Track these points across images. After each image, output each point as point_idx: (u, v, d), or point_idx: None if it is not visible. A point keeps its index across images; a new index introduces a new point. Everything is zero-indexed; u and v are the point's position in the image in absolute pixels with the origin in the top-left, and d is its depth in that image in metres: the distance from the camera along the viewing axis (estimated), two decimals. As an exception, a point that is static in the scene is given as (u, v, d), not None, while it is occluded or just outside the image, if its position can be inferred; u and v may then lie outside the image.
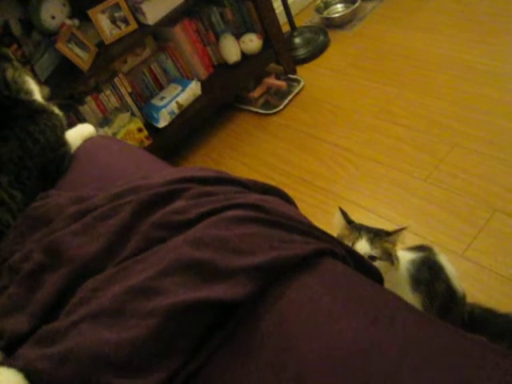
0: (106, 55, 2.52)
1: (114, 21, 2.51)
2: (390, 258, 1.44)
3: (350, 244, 1.43)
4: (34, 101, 1.52)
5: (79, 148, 1.61)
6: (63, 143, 1.57)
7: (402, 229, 1.45)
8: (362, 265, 1.05)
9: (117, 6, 2.49)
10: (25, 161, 1.43)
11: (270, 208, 0.98)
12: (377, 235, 1.45)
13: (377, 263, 1.41)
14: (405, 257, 1.51)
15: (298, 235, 0.93)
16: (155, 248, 0.96)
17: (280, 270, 0.87)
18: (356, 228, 1.47)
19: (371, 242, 1.43)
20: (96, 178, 1.40)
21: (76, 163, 1.54)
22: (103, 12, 2.48)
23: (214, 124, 3.06)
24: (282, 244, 0.90)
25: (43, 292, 0.99)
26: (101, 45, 2.56)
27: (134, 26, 2.55)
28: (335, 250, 0.94)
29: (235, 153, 2.82)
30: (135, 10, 2.53)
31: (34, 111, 1.49)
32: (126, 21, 2.53)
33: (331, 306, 0.82)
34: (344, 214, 1.53)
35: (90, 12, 2.46)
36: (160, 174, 1.17)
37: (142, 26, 2.57)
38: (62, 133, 1.60)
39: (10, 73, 1.43)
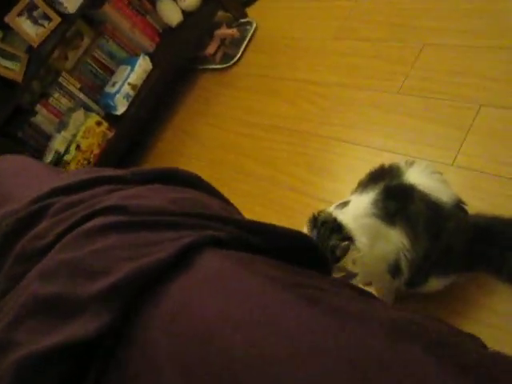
0: (39, 58, 2.38)
1: (35, 21, 2.35)
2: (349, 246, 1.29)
3: None
4: None
5: None
6: None
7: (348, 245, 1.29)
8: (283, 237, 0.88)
9: (32, 5, 2.32)
10: None
11: (136, 205, 0.82)
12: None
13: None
14: (364, 203, 1.34)
15: (169, 231, 0.77)
16: (15, 288, 0.82)
17: (142, 283, 0.71)
18: None
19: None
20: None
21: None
22: (21, 15, 2.32)
23: (177, 93, 2.90)
24: (147, 249, 0.74)
25: None
26: (31, 49, 2.41)
27: (57, 19, 2.38)
28: (218, 236, 0.78)
29: (204, 117, 2.66)
30: (53, 3, 2.36)
31: None
32: (47, 17, 2.36)
33: (208, 311, 0.67)
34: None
35: (7, 18, 2.30)
36: (23, 193, 1.02)
37: (65, 16, 2.40)
38: None
39: None
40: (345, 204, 1.38)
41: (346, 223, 1.32)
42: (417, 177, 1.36)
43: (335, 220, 1.33)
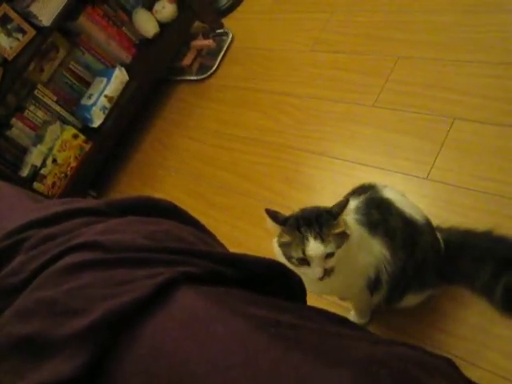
0: (14, 71, 2.35)
1: (8, 33, 2.33)
2: (346, 236, 1.23)
3: (299, 252, 1.19)
4: None
5: None
6: None
7: (347, 201, 1.23)
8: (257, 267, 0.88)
9: (6, 18, 2.30)
10: None
11: (112, 241, 0.82)
12: (323, 225, 1.20)
13: (336, 255, 1.22)
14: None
15: (142, 269, 0.78)
16: None
17: (118, 323, 0.72)
18: (295, 227, 1.22)
19: (321, 237, 1.19)
20: None
21: None
22: (-5, 28, 2.30)
23: (154, 104, 2.89)
24: (122, 288, 0.74)
25: None
26: (5, 62, 2.38)
27: (31, 32, 2.36)
28: (192, 271, 0.78)
29: (181, 129, 2.66)
30: (27, 16, 2.34)
31: None
32: (21, 30, 2.34)
33: (175, 345, 0.67)
34: (273, 215, 1.24)
35: (-20, 32, 2.28)
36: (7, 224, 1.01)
37: (39, 29, 2.37)
38: None
39: None
40: None
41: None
42: (392, 194, 1.40)
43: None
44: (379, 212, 1.36)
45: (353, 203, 1.36)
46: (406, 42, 2.20)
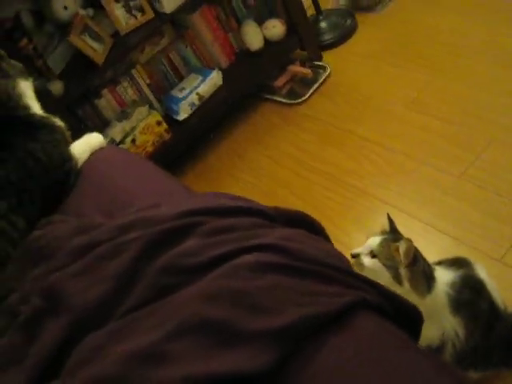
0: (122, 46, 2.41)
1: (129, 10, 2.39)
2: (395, 270, 1.35)
3: None
4: (33, 115, 1.40)
5: (86, 162, 1.49)
6: (68, 158, 1.44)
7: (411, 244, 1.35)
8: (398, 305, 0.92)
9: (132, -6, 2.36)
10: (26, 182, 1.31)
11: (296, 250, 0.86)
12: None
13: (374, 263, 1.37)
14: (443, 279, 1.38)
15: (325, 284, 0.81)
16: (164, 299, 0.85)
17: (307, 331, 0.75)
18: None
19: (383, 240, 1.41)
20: (103, 199, 1.28)
21: (82, 181, 1.41)
22: (118, 1, 2.36)
23: (236, 115, 2.92)
24: (309, 298, 0.78)
25: (41, 344, 0.88)
26: (116, 35, 2.44)
27: (150, 14, 2.42)
28: (368, 298, 0.81)
29: (259, 145, 2.69)
30: (153, -1, 2.41)
31: (34, 127, 1.37)
32: (141, 9, 2.40)
33: (360, 377, 0.70)
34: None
35: (104, 1, 2.34)
36: (172, 202, 1.05)
37: (158, 14, 2.44)
38: (66, 146, 1.47)
39: (1, 86, 1.30)
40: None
41: None
42: (484, 274, 1.43)
43: None
44: (471, 292, 1.39)
45: (448, 276, 1.40)
46: (503, 126, 2.22)
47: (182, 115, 2.60)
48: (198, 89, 2.62)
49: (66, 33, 2.32)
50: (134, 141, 2.49)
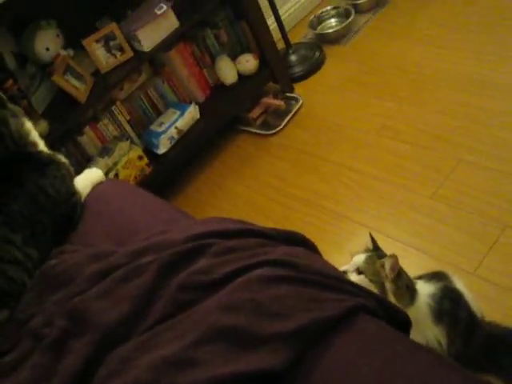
0: (103, 84, 2.50)
1: (109, 49, 2.48)
2: (380, 284, 1.43)
3: None
4: (40, 152, 1.49)
5: (89, 195, 1.57)
6: (73, 192, 1.53)
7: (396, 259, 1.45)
8: (390, 310, 1.02)
9: (112, 35, 2.46)
10: (38, 216, 1.39)
11: (299, 263, 0.96)
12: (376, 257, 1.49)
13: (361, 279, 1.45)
14: (424, 291, 1.48)
15: (329, 292, 0.91)
16: (185, 313, 0.94)
17: (316, 333, 0.84)
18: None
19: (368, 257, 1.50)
20: (110, 229, 1.37)
21: (87, 213, 1.50)
22: (98, 41, 2.45)
23: (214, 146, 3.03)
24: (315, 304, 0.88)
25: (69, 362, 0.95)
26: (97, 74, 2.53)
27: (129, 53, 2.52)
28: (366, 304, 0.92)
29: (237, 175, 2.79)
30: (130, 38, 2.51)
31: (42, 163, 1.46)
32: (121, 49, 2.50)
33: (368, 371, 0.79)
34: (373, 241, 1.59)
35: (84, 42, 2.43)
36: (179, 228, 1.15)
37: (137, 53, 2.54)
38: (71, 181, 1.56)
39: (13, 125, 1.39)
40: None
41: None
42: (462, 286, 1.54)
43: None
44: (451, 302, 1.49)
45: (429, 289, 1.51)
46: (468, 147, 2.35)
47: (162, 149, 2.69)
48: (176, 123, 2.71)
49: (47, 73, 2.41)
50: (116, 175, 2.56)
